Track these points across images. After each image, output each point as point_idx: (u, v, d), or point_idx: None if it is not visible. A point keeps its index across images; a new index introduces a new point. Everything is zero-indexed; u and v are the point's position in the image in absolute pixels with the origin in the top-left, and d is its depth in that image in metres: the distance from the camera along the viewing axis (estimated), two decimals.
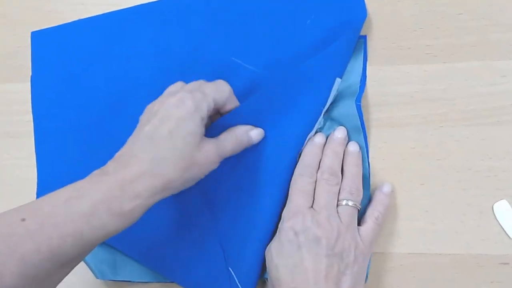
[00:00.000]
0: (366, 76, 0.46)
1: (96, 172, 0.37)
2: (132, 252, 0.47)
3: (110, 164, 0.37)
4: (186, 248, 0.45)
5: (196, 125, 0.38)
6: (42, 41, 0.52)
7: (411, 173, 0.44)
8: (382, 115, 0.45)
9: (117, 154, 0.38)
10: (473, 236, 0.43)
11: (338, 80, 0.44)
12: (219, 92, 0.41)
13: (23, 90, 0.52)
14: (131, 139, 0.39)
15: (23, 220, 0.33)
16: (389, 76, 0.46)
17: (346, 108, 0.45)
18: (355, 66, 0.46)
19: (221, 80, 0.42)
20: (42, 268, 0.33)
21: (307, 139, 0.44)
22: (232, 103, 0.42)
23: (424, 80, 0.45)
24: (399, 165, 0.45)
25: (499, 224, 0.43)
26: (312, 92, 0.43)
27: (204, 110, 0.39)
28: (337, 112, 0.45)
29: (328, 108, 0.45)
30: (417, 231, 0.44)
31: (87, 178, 0.36)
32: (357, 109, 0.44)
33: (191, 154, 0.38)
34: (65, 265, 0.34)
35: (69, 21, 0.52)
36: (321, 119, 0.44)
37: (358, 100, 0.44)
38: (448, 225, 0.43)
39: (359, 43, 0.46)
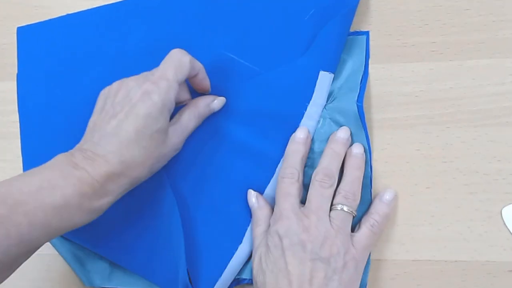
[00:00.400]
0: (368, 74, 0.44)
1: (63, 159, 0.37)
2: (94, 245, 0.46)
3: (78, 156, 0.37)
4: (148, 238, 0.44)
5: (164, 121, 0.38)
6: (28, 37, 0.50)
7: (415, 177, 0.43)
8: (385, 115, 0.44)
9: (84, 145, 0.38)
10: (481, 242, 0.42)
11: (326, 74, 0.43)
12: (181, 69, 0.39)
13: (9, 89, 0.50)
14: (95, 128, 0.38)
15: None
16: (392, 75, 0.44)
17: (346, 109, 0.43)
18: (357, 64, 0.44)
19: (176, 51, 0.40)
20: (9, 253, 0.33)
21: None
22: (196, 68, 0.41)
23: (430, 79, 0.43)
24: (403, 168, 0.43)
25: (508, 229, 0.41)
26: (293, 86, 0.43)
27: (172, 100, 0.39)
28: (337, 112, 0.43)
29: (327, 107, 0.43)
30: (422, 237, 0.42)
31: (56, 167, 0.36)
32: (358, 110, 0.42)
33: (158, 151, 0.39)
34: (31, 251, 0.35)
35: (57, 16, 0.50)
36: (318, 117, 0.43)
37: (360, 100, 0.43)
38: (454, 231, 0.42)
39: (361, 39, 0.44)
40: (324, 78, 0.42)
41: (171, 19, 0.47)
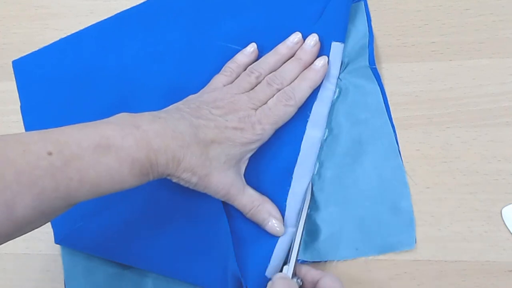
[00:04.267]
0: (373, 36, 0.44)
1: (127, 118, 0.36)
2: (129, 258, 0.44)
3: (146, 116, 0.36)
4: (195, 240, 0.43)
5: (238, 153, 0.40)
6: (25, 68, 0.50)
7: (415, 177, 0.43)
8: None
9: (159, 114, 0.38)
10: (481, 243, 0.41)
11: (338, 44, 0.43)
12: (277, 119, 0.41)
13: (9, 90, 0.50)
14: (179, 112, 0.38)
15: (50, 154, 0.32)
16: (392, 75, 0.44)
17: (360, 74, 0.44)
18: (361, 30, 0.44)
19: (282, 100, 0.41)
20: (54, 206, 0.32)
21: (313, 107, 0.43)
22: None
23: (430, 78, 0.44)
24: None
25: (508, 229, 0.41)
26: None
27: (256, 142, 0.41)
28: (351, 79, 0.44)
29: (341, 77, 0.44)
30: (422, 237, 0.42)
31: (118, 124, 0.35)
32: (373, 73, 0.43)
33: (216, 165, 0.39)
34: (72, 205, 0.34)
35: (56, 16, 0.50)
36: (334, 89, 0.44)
37: (372, 63, 0.43)
38: (454, 231, 0.42)
39: (359, 6, 0.45)
40: (337, 49, 0.43)
41: (168, 20, 0.47)
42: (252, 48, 0.45)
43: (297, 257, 0.40)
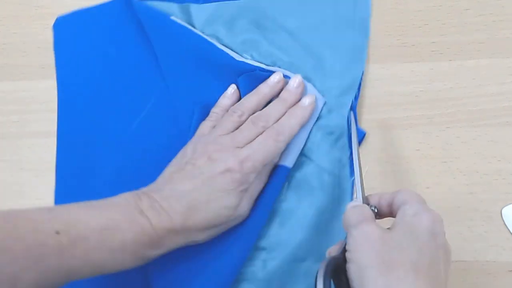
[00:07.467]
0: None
1: (131, 200, 0.37)
2: None
3: (145, 202, 0.37)
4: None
5: (236, 199, 0.39)
6: (65, 28, 0.51)
7: (415, 177, 0.43)
8: (385, 115, 0.44)
9: (153, 193, 0.38)
10: (481, 242, 0.41)
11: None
12: (271, 157, 0.40)
13: (9, 90, 0.50)
14: (169, 180, 0.39)
15: (58, 233, 0.33)
16: (392, 75, 0.44)
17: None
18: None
19: (267, 136, 0.40)
20: (53, 283, 0.33)
21: None
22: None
23: (430, 78, 0.44)
24: (403, 168, 0.43)
25: (508, 229, 0.41)
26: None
27: (251, 181, 0.39)
28: None
29: None
30: None
31: (123, 208, 0.37)
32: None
33: (222, 222, 0.39)
34: (69, 281, 0.35)
35: (56, 16, 0.50)
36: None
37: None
38: (454, 231, 0.42)
39: None
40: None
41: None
42: (232, 89, 0.44)
43: (362, 183, 0.38)
